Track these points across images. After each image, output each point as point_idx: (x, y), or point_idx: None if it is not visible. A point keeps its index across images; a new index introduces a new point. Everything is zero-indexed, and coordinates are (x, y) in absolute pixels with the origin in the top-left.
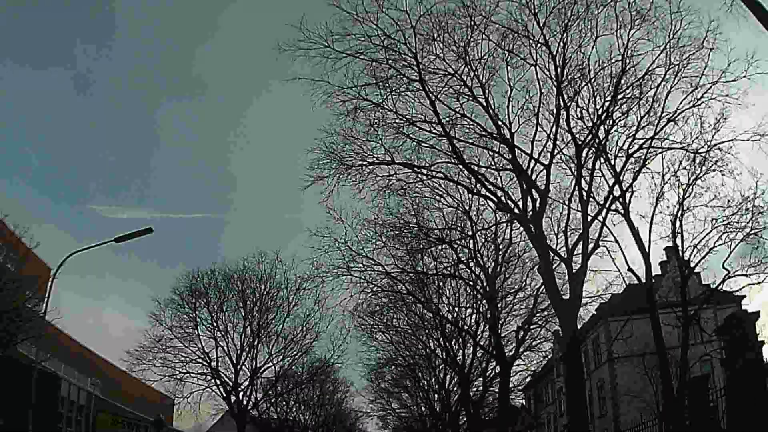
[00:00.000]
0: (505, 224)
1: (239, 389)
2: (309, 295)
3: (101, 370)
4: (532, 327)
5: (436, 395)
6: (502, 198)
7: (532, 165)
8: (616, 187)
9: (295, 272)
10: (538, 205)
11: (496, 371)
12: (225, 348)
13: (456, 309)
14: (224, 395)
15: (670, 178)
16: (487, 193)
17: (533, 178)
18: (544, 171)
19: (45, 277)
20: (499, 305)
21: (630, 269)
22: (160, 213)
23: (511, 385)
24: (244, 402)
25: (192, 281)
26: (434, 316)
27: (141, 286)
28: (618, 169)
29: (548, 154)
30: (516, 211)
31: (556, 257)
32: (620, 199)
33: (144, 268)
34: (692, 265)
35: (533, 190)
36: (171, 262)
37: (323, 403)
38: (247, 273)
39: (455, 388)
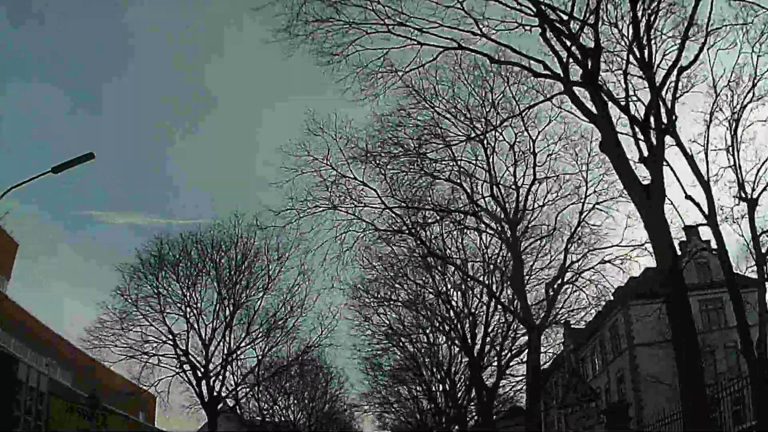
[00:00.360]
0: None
1: (210, 374)
2: (293, 264)
3: (82, 364)
4: (568, 281)
5: (440, 385)
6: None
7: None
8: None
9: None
10: (589, 65)
11: (512, 353)
12: (195, 326)
13: (466, 262)
14: (194, 381)
15: (727, 84)
16: (520, 57)
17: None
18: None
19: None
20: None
21: (688, 196)
22: (158, 219)
23: (514, 382)
24: (217, 388)
25: (160, 246)
26: (442, 266)
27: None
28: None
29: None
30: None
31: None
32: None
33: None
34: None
35: (579, 53)
36: None
37: (314, 398)
38: (221, 238)
39: (462, 380)
